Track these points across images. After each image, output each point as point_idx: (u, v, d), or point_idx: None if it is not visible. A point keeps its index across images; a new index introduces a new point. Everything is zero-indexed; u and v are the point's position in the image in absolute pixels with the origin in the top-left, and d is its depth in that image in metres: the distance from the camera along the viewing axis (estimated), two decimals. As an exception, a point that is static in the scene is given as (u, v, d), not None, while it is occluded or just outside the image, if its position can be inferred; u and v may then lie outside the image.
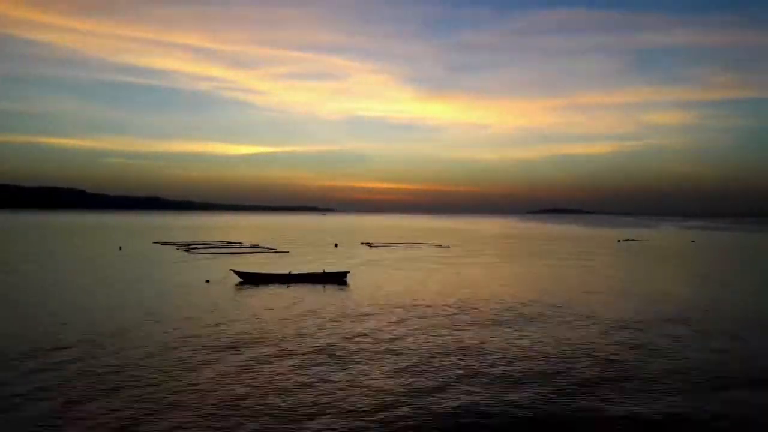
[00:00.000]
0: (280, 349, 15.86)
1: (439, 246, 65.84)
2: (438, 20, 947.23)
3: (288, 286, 29.23)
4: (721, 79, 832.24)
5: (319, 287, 29.07)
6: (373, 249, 60.28)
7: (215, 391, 12.19)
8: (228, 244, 64.32)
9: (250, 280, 31.06)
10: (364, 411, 11.12)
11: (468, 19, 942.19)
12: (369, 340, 17.16)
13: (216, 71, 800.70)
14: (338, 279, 31.80)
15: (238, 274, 31.68)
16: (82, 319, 19.77)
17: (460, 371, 13.84)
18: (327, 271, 32.96)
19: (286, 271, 32.87)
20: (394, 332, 18.19)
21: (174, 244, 63.91)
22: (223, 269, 35.93)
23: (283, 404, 11.40)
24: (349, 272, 33.07)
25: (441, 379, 13.17)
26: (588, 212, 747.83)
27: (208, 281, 30.68)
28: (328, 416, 10.81)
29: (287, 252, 53.86)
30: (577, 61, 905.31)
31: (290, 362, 14.46)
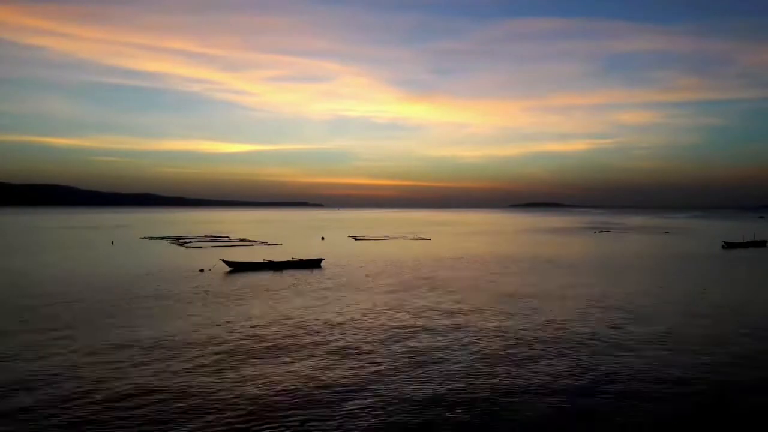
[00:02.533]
0: (266, 324, 17.07)
1: (421, 239, 67.05)
2: (419, 27, 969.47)
3: (273, 272, 31.36)
4: (684, 82, 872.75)
5: (299, 271, 31.66)
6: (359, 241, 61.34)
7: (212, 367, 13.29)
8: (215, 238, 64.81)
9: (238, 268, 32.73)
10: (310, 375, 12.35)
11: (447, 26, 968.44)
12: (335, 314, 18.71)
13: (207, 74, 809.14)
14: (314, 264, 34.43)
15: (227, 263, 33.23)
16: (81, 303, 20.63)
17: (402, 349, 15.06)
18: (306, 258, 35.83)
19: (273, 260, 35.12)
20: (359, 308, 19.90)
21: (163, 238, 64.34)
22: (214, 260, 36.74)
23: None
24: (323, 259, 35.60)
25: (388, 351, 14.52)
26: (566, 206, 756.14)
27: (201, 270, 31.69)
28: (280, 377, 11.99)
29: (280, 245, 54.65)
30: (550, 66, 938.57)
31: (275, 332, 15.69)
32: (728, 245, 53.12)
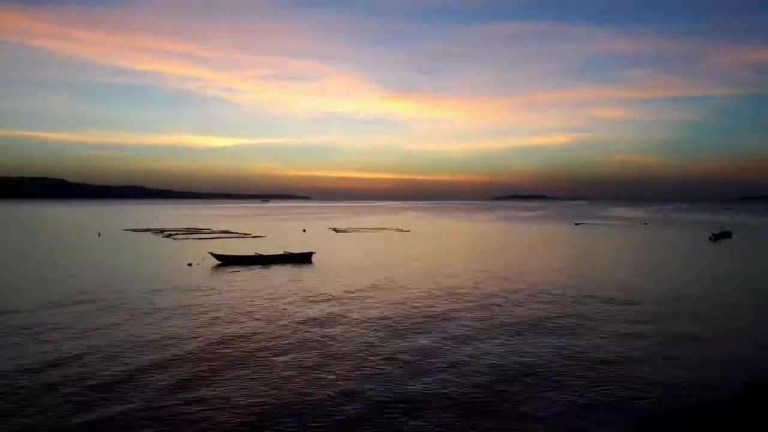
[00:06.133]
0: (260, 317, 17.62)
1: (401, 230, 67.44)
2: (402, 30, 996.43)
3: (262, 266, 30.52)
4: (656, 80, 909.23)
5: (290, 266, 30.95)
6: (339, 234, 61.77)
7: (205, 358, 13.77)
8: (198, 230, 64.85)
9: (227, 261, 31.94)
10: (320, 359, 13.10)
11: (429, 29, 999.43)
12: (332, 307, 19.14)
13: (199, 73, 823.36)
14: (305, 258, 33.53)
15: (216, 256, 32.44)
16: (79, 296, 20.97)
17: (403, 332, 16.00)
18: (297, 252, 34.80)
19: (263, 253, 34.19)
20: (353, 301, 20.33)
21: (147, 230, 64.42)
22: (201, 252, 36.84)
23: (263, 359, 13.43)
24: (314, 252, 34.62)
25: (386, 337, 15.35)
26: (548, 197, 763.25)
27: (190, 264, 31.16)
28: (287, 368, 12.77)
29: (263, 236, 55.05)
30: (528, 66, 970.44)
31: (265, 327, 16.35)
32: (715, 237, 53.53)
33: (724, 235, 55.49)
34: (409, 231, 66.44)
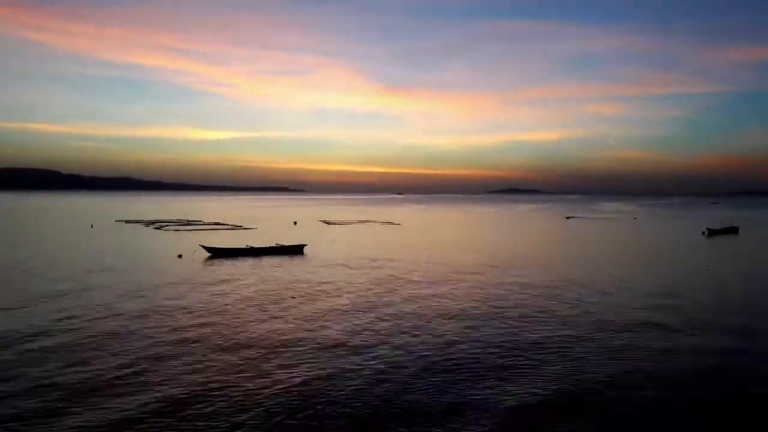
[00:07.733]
0: (254, 310, 17.98)
1: (391, 223, 67.60)
2: (398, 26, 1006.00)
3: (255, 259, 30.43)
4: (649, 77, 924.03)
5: (281, 257, 31.07)
6: (330, 226, 62.19)
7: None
8: (190, 222, 65.15)
9: (218, 254, 31.98)
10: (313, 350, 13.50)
11: (424, 26, 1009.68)
12: (326, 297, 19.62)
13: (193, 67, 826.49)
14: (297, 251, 33.81)
15: (207, 249, 32.56)
16: (61, 288, 21.34)
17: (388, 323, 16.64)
18: (288, 244, 35.02)
19: (255, 245, 34.21)
20: (345, 291, 20.85)
21: (138, 221, 64.65)
22: (192, 244, 37.03)
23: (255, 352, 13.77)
24: (306, 245, 34.96)
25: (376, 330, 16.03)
26: (542, 192, 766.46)
27: (180, 256, 31.13)
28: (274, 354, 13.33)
29: (255, 228, 55.49)
30: (521, 63, 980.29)
31: (263, 322, 16.76)
32: (710, 232, 52.39)
33: (727, 231, 53.51)
34: (400, 224, 66.66)
